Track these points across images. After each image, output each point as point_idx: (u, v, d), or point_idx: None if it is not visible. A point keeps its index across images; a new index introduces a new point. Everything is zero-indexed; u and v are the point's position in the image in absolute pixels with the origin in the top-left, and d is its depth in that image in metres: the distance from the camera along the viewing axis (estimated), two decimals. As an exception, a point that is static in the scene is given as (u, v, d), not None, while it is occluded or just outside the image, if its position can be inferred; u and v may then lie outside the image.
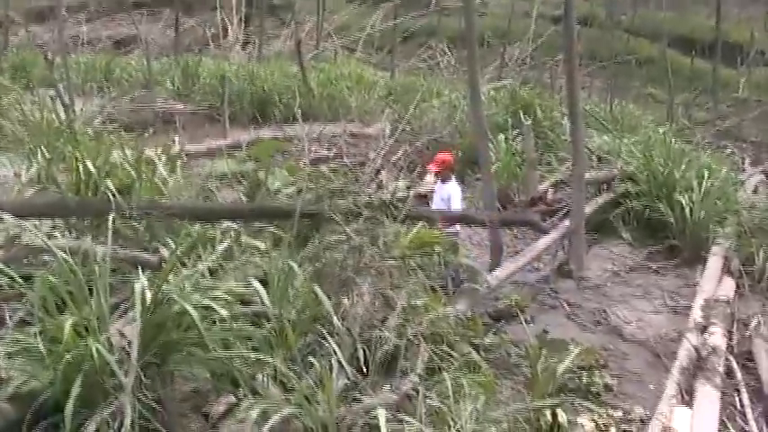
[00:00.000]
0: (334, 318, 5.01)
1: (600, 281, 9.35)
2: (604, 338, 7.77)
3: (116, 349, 4.35)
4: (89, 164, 6.83)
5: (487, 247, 9.26)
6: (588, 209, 10.05)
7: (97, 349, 4.15)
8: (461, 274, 7.88)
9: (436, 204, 8.84)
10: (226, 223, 6.51)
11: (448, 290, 7.12)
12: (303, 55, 18.54)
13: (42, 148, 8.53)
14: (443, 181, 9.01)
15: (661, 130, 14.12)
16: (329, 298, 5.21)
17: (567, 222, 9.60)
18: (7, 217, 5.37)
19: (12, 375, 4.44)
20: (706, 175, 10.76)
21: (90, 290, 4.66)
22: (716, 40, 28.72)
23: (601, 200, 10.77)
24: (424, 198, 10.44)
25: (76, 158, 7.23)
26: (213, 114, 15.97)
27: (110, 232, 5.13)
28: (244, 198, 8.43)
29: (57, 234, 6.05)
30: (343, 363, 4.75)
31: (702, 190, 10.34)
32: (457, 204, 8.72)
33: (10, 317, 5.14)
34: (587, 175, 10.29)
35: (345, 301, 5.31)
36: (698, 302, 7.97)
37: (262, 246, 6.19)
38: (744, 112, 26.02)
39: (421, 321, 5.65)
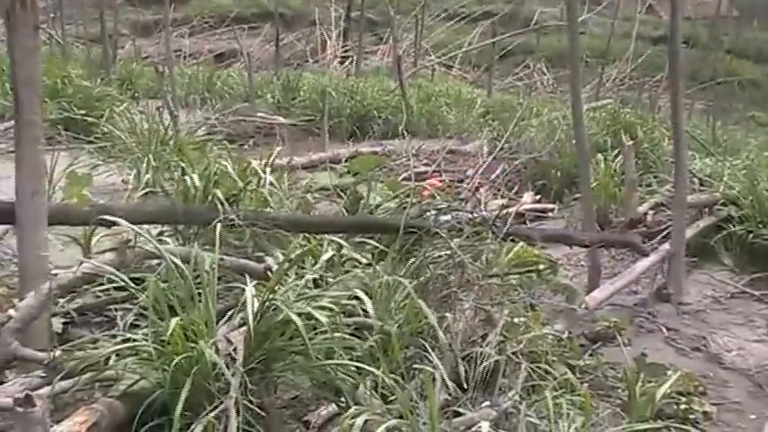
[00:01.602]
0: (440, 332, 5.05)
1: (699, 306, 9.16)
2: (703, 365, 7.62)
3: (222, 355, 4.45)
4: (196, 173, 7.02)
5: (585, 267, 9.19)
6: (689, 232, 9.87)
7: (207, 353, 4.26)
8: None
9: None
10: (328, 236, 6.61)
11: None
12: (401, 71, 18.67)
13: (150, 156, 8.81)
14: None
15: (766, 154, 13.79)
16: (432, 313, 5.25)
17: (666, 245, 9.45)
18: (121, 221, 5.54)
19: (122, 375, 4.60)
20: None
21: (198, 295, 4.79)
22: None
23: (702, 224, 10.55)
24: (521, 216, 10.44)
25: (183, 167, 7.45)
26: (312, 128, 16.22)
27: (218, 240, 5.29)
28: (344, 212, 8.55)
29: (167, 240, 6.23)
30: (445, 377, 4.78)
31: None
32: None
33: (121, 319, 5.32)
34: (689, 198, 10.13)
35: (449, 315, 5.36)
36: (803, 332, 7.79)
37: (363, 259, 6.26)
38: None
39: (521, 339, 5.66)
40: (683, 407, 6.32)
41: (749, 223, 10.37)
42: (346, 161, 11.76)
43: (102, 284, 5.66)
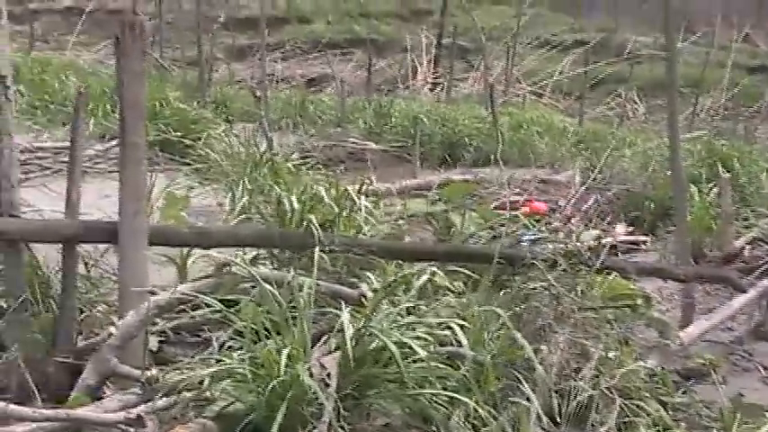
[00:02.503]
0: (537, 364, 5.02)
1: (799, 345, 8.94)
2: (802, 407, 7.42)
3: (315, 379, 4.49)
4: (293, 197, 7.11)
5: (678, 302, 9.02)
6: (788, 268, 9.65)
7: (303, 377, 4.30)
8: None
9: None
10: (421, 264, 6.62)
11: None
12: (494, 98, 18.65)
13: (245, 179, 8.94)
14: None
15: None
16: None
17: (765, 282, 9.23)
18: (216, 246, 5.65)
19: (217, 396, 4.66)
20: None
21: (293, 319, 4.84)
22: None
23: (802, 259, 10.30)
24: (614, 248, 10.30)
25: (278, 191, 7.55)
26: (403, 155, 16.28)
27: (315, 265, 5.35)
28: (435, 239, 8.55)
29: (264, 264, 6.31)
30: (539, 410, 4.74)
31: None
32: None
33: (216, 340, 5.40)
34: (788, 233, 9.91)
35: (544, 348, 5.32)
36: None
37: (457, 288, 6.26)
38: None
39: (614, 374, 5.58)
40: (780, 449, 6.15)
41: None
42: (438, 188, 11.75)
43: (198, 306, 5.79)
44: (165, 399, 4.68)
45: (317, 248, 5.63)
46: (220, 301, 5.26)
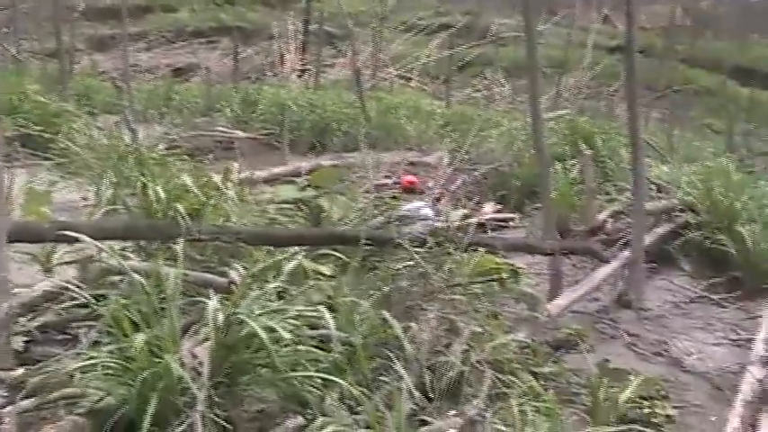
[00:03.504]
0: (405, 342, 5.08)
1: (660, 312, 9.28)
2: (665, 369, 7.71)
3: (187, 369, 4.45)
4: (159, 188, 6.99)
5: (545, 276, 9.26)
6: (648, 239, 9.99)
7: (173, 367, 4.26)
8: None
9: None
10: (291, 249, 6.61)
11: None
12: (361, 83, 18.72)
13: (110, 172, 8.75)
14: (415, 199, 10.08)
15: (721, 161, 13.99)
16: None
17: (626, 252, 9.56)
18: (85, 238, 5.52)
19: (87, 392, 4.57)
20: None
21: (162, 310, 4.78)
22: (775, 70, 28.51)
23: (660, 230, 10.69)
24: (483, 226, 10.48)
25: (144, 183, 7.41)
26: (272, 142, 16.21)
27: (181, 254, 5.29)
28: (306, 225, 8.54)
29: (130, 256, 6.20)
30: (411, 387, 4.81)
31: (764, 221, 10.25)
32: (432, 217, 9.37)
33: (84, 336, 5.29)
34: (647, 206, 10.27)
35: (414, 326, 5.39)
36: (761, 335, 7.89)
37: (327, 271, 6.28)
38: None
39: (484, 348, 5.70)
40: (645, 411, 6.39)
41: (706, 229, 10.53)
42: (307, 174, 11.73)
43: (63, 302, 5.64)
44: (31, 399, 4.55)
45: (183, 238, 5.54)
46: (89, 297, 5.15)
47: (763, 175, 13.78)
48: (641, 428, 5.84)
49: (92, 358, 4.59)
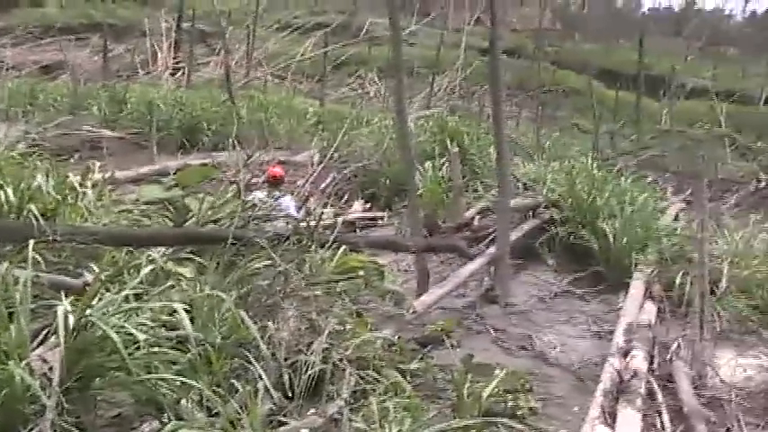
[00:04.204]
0: (260, 342, 5.02)
1: (525, 306, 9.45)
2: (530, 363, 7.85)
3: (37, 375, 4.29)
4: (9, 189, 6.74)
5: (413, 273, 9.32)
6: (514, 235, 10.18)
7: (18, 374, 4.10)
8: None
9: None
10: (151, 250, 6.46)
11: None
12: (232, 82, 18.56)
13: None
14: (275, 191, 10.48)
15: (585, 159, 14.37)
16: (255, 323, 5.22)
17: (492, 249, 9.70)
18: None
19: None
20: (628, 202, 11.01)
21: (10, 315, 4.60)
22: (639, 72, 29.46)
23: (526, 226, 10.90)
24: (352, 225, 10.52)
25: (-1, 183, 7.14)
26: (141, 141, 15.92)
27: (29, 256, 5.10)
28: (171, 225, 8.38)
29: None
30: (269, 387, 4.76)
31: (625, 217, 10.56)
32: (293, 210, 9.96)
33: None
34: (513, 202, 10.45)
35: (271, 325, 5.33)
36: (621, 327, 8.09)
37: (187, 273, 6.16)
38: (666, 143, 26.61)
39: (347, 346, 5.68)
40: (510, 404, 6.47)
41: (570, 225, 10.81)
42: (175, 174, 11.53)
43: None
44: None
45: (33, 239, 5.34)
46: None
47: (624, 173, 14.18)
48: (502, 420, 5.91)
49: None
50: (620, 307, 9.13)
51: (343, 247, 7.12)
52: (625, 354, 7.45)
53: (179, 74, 30.04)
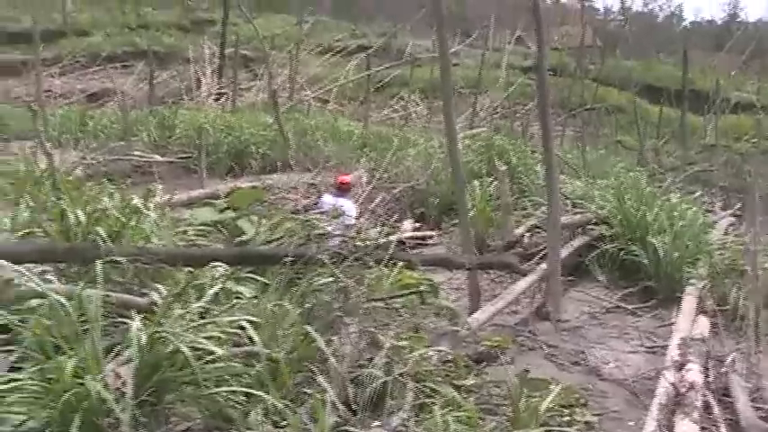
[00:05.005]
0: (329, 355, 5.13)
1: (577, 322, 9.49)
2: (583, 378, 7.88)
3: (111, 390, 4.43)
4: (79, 212, 6.94)
5: (465, 290, 9.39)
6: (564, 252, 10.23)
7: (95, 389, 4.24)
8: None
9: (327, 214, 9.95)
10: (212, 270, 6.60)
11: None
12: (278, 106, 18.77)
13: (26, 196, 8.62)
14: (340, 196, 10.97)
15: (632, 175, 14.37)
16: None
17: (543, 266, 9.75)
18: (2, 262, 5.46)
19: (8, 417, 4.52)
20: (677, 217, 11.02)
21: (84, 332, 4.75)
22: (683, 87, 29.28)
23: (576, 243, 10.95)
24: (402, 244, 10.62)
25: (62, 207, 7.33)
26: (190, 165, 16.14)
27: (100, 276, 5.26)
28: (225, 246, 8.53)
29: (50, 279, 6.13)
30: (335, 400, 4.86)
31: (674, 232, 10.57)
32: (352, 215, 10.67)
33: (3, 360, 5.22)
34: (562, 220, 10.50)
35: (335, 339, 5.44)
36: (674, 341, 8.09)
37: (246, 292, 6.29)
38: (711, 158, 26.45)
39: (406, 361, 5.77)
40: (565, 418, 6.52)
41: (619, 241, 10.83)
42: (226, 197, 11.71)
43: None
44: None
45: (102, 260, 5.51)
46: (3, 324, 5.08)
47: (672, 189, 14.17)
48: (562, 432, 5.96)
49: (12, 381, 4.53)
50: (673, 321, 9.15)
51: (399, 264, 7.22)
52: (679, 368, 7.45)
53: (222, 99, 30.37)
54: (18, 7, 37.84)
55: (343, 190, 11.31)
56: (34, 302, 5.49)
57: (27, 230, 7.43)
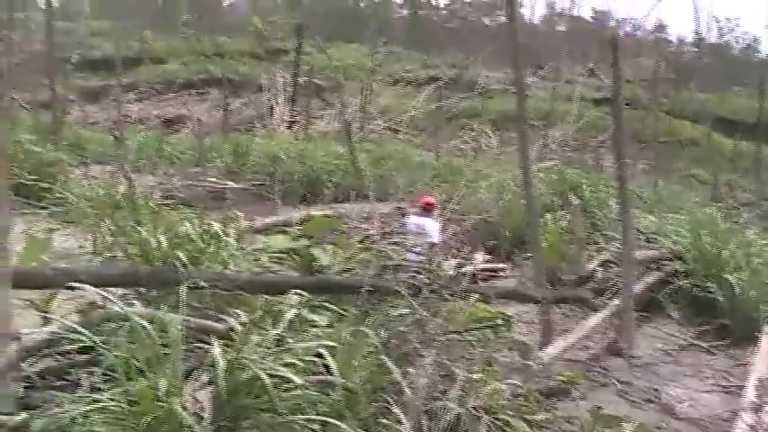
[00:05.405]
0: (405, 386, 5.15)
1: (650, 359, 9.39)
2: (656, 416, 7.80)
3: (190, 413, 4.50)
4: (161, 236, 7.07)
5: (535, 324, 9.35)
6: (637, 288, 10.13)
7: (177, 412, 4.32)
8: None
9: (412, 234, 10.56)
10: (288, 298, 6.67)
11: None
12: (351, 135, 18.93)
13: (107, 220, 8.82)
14: (425, 216, 11.50)
15: (707, 210, 14.18)
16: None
17: (616, 301, 9.68)
18: (86, 286, 5.59)
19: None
20: (755, 253, 10.84)
21: (164, 355, 4.84)
22: (758, 120, 28.79)
23: (649, 279, 10.84)
24: (474, 276, 10.61)
25: (141, 231, 7.49)
26: (263, 192, 16.33)
27: (182, 301, 5.37)
28: (299, 274, 8.61)
29: (133, 302, 6.26)
30: (410, 431, 4.88)
31: (751, 269, 10.40)
32: (436, 235, 11.21)
33: (85, 380, 5.33)
34: (636, 255, 10.40)
35: (411, 371, 5.47)
36: (751, 382, 7.96)
37: (322, 321, 6.33)
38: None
39: (480, 394, 5.77)
40: (640, 456, 6.46)
41: (694, 277, 10.69)
42: (299, 224, 11.81)
43: (64, 350, 5.68)
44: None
45: (183, 285, 5.61)
46: (86, 345, 5.19)
47: (749, 224, 13.95)
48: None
49: (95, 402, 4.63)
50: (749, 361, 9.00)
51: (474, 296, 7.23)
52: (757, 409, 7.34)
53: (295, 127, 30.68)
54: (98, 35, 38.80)
55: (427, 210, 11.66)
56: (115, 325, 5.62)
57: (109, 254, 7.61)
